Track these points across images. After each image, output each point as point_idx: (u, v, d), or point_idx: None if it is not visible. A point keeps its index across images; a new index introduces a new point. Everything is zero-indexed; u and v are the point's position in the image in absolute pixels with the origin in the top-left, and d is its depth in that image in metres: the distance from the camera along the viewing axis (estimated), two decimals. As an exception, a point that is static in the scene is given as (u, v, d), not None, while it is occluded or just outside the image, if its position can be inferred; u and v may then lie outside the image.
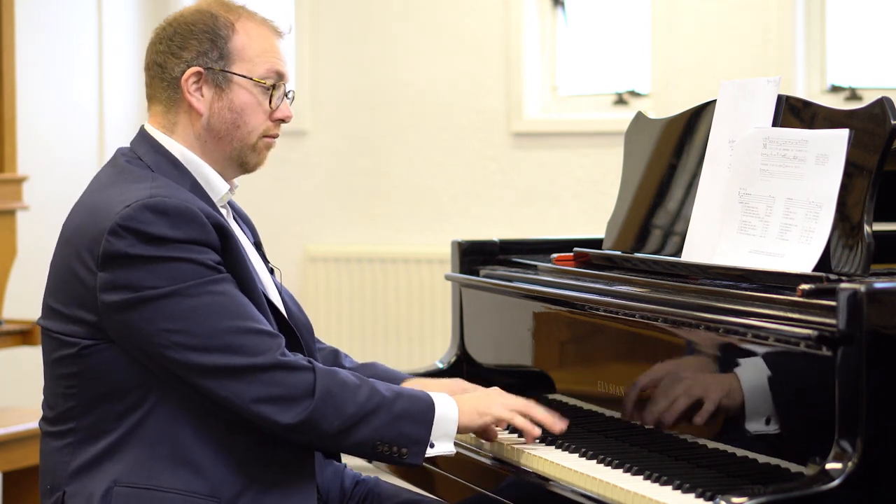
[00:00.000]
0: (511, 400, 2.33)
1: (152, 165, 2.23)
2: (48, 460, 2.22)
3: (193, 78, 2.25)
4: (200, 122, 2.26)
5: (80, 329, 2.15)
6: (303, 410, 2.12)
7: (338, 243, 5.56)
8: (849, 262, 2.19)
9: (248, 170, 2.32)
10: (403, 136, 5.48)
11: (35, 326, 4.23)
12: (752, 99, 2.44)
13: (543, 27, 5.32)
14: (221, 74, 2.25)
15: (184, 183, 2.22)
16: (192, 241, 2.11)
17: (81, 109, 5.56)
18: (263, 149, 2.31)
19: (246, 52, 2.27)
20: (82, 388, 2.16)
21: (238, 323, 2.12)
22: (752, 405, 2.07)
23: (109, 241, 2.10)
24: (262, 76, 2.27)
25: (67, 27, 5.50)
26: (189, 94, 2.25)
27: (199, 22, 2.27)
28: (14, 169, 4.41)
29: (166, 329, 2.09)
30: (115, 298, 2.10)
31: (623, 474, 2.16)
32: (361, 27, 5.55)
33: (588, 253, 2.70)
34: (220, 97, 2.26)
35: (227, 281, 2.14)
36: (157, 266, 2.09)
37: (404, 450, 2.18)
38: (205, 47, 2.25)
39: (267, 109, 2.28)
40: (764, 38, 4.81)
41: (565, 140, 5.22)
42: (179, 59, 2.25)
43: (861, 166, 2.22)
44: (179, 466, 2.13)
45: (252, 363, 2.10)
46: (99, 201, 2.17)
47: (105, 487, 2.12)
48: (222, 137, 2.27)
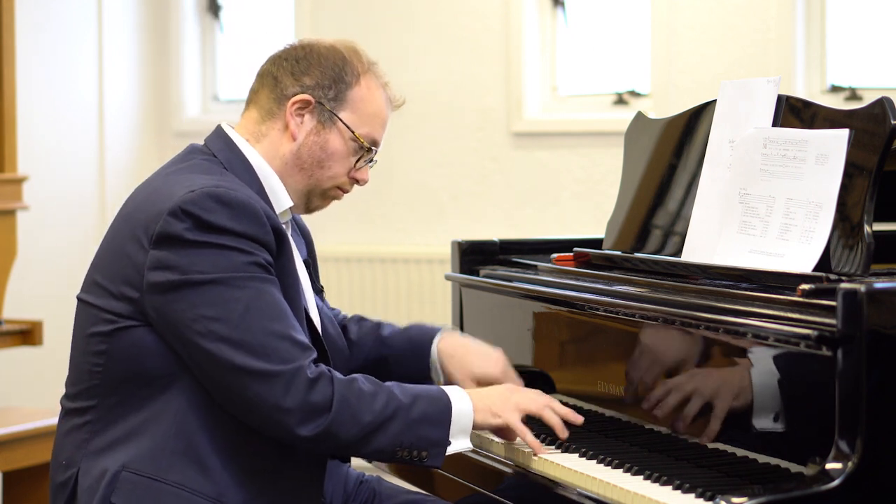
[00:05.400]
0: (526, 402, 2.29)
1: (225, 163, 2.26)
2: (66, 437, 2.22)
3: (301, 104, 2.28)
4: (291, 145, 2.29)
5: (121, 306, 2.15)
6: (321, 424, 2.11)
7: (338, 243, 5.56)
8: (849, 262, 2.19)
9: (308, 209, 2.36)
10: (403, 135, 5.48)
11: (35, 326, 4.23)
12: (752, 99, 2.44)
13: (543, 27, 5.32)
14: (329, 114, 2.29)
15: (252, 186, 2.24)
16: (248, 236, 2.12)
17: (81, 110, 5.56)
18: (330, 198, 2.36)
19: (359, 105, 2.32)
20: (109, 367, 2.16)
21: (275, 326, 2.12)
22: (752, 405, 2.07)
23: (167, 222, 2.11)
24: (363, 135, 2.32)
25: (67, 27, 5.50)
26: (291, 115, 2.28)
27: (330, 57, 2.31)
28: (14, 169, 4.42)
29: (204, 315, 2.09)
30: (161, 279, 2.11)
31: (623, 474, 2.16)
32: (361, 27, 5.55)
33: (588, 253, 2.70)
34: (318, 133, 2.29)
35: (273, 283, 2.15)
36: (208, 252, 2.11)
37: (424, 453, 2.18)
38: (325, 82, 2.29)
39: (351, 166, 2.33)
40: (764, 38, 4.81)
41: (565, 140, 5.22)
42: (298, 81, 2.29)
43: (861, 166, 2.22)
44: (190, 464, 2.14)
45: (280, 370, 2.10)
46: (164, 184, 2.19)
47: (115, 470, 2.13)
48: (304, 169, 2.30)
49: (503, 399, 2.28)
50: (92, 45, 5.60)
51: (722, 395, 2.13)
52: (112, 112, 5.67)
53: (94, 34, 5.61)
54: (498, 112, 5.34)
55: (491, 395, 2.29)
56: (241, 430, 2.15)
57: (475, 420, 2.23)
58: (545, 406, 2.30)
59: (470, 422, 2.22)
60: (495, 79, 5.34)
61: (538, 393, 2.33)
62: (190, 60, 6.02)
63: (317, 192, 2.34)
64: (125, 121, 5.76)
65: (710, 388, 2.16)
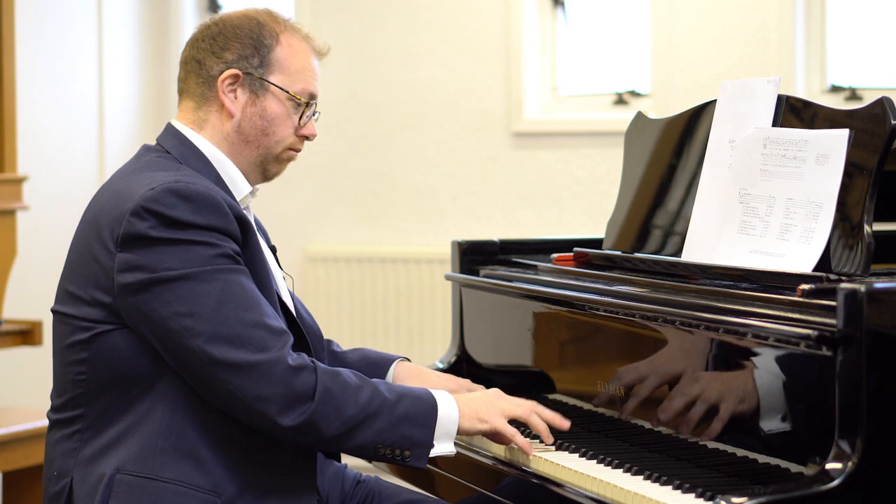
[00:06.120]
0: (512, 407, 2.29)
1: (179, 157, 2.26)
2: (56, 449, 2.22)
3: (230, 80, 2.27)
4: (231, 123, 2.28)
5: (95, 311, 2.15)
6: (303, 412, 2.11)
7: (338, 243, 5.56)
8: (849, 262, 2.19)
9: (267, 177, 2.35)
10: (403, 135, 5.48)
11: (35, 326, 4.23)
12: (752, 99, 2.44)
13: (543, 27, 5.32)
14: (259, 81, 2.28)
15: (209, 176, 2.24)
16: (213, 228, 2.12)
17: (81, 109, 5.56)
18: (285, 160, 2.35)
19: (286, 65, 2.30)
20: (92, 374, 2.17)
21: (249, 315, 2.12)
22: (752, 405, 2.07)
23: (131, 222, 2.11)
24: (298, 92, 2.30)
25: (67, 26, 5.50)
26: (223, 94, 2.27)
27: (244, 26, 2.30)
28: (14, 169, 4.41)
29: (177, 312, 2.09)
30: (131, 279, 2.11)
31: (623, 474, 2.16)
32: (361, 27, 5.55)
33: (588, 253, 2.70)
34: (253, 103, 2.28)
35: (243, 273, 2.15)
36: (175, 248, 2.11)
37: (407, 452, 2.18)
38: (247, 52, 2.28)
39: (295, 124, 2.32)
40: (764, 38, 4.81)
41: (565, 140, 5.22)
42: (220, 58, 2.28)
43: (861, 166, 2.22)
44: (183, 459, 2.14)
45: (258, 359, 2.10)
46: (123, 186, 2.19)
47: (109, 474, 2.13)
48: (250, 142, 2.29)
49: (489, 404, 2.28)
50: (92, 45, 5.60)
51: (722, 396, 2.13)
52: (112, 112, 5.67)
53: (94, 34, 5.61)
54: (498, 112, 5.34)
55: (477, 399, 2.29)
56: (229, 421, 2.15)
57: (461, 425, 2.23)
58: (531, 411, 2.30)
59: (455, 426, 2.22)
60: (495, 79, 5.33)
61: (523, 399, 2.33)
62: (190, 60, 6.02)
63: (270, 159, 2.32)
64: (125, 121, 5.76)
65: (709, 389, 2.16)
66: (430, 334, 5.36)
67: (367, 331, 5.46)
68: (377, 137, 5.53)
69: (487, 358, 2.86)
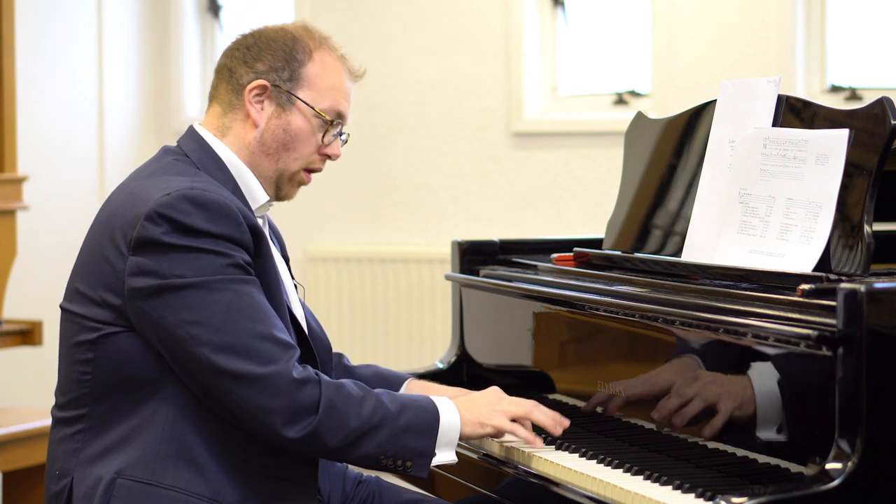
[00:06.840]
0: (512, 406, 2.30)
1: (197, 163, 2.25)
2: (58, 447, 2.22)
3: (258, 90, 2.28)
4: (254, 133, 2.28)
5: (104, 313, 2.15)
6: (307, 425, 2.11)
7: (338, 243, 5.56)
8: (849, 262, 2.19)
9: (278, 197, 2.35)
10: (403, 135, 5.48)
11: (35, 326, 4.23)
12: (752, 99, 2.44)
13: (543, 27, 5.32)
14: (286, 95, 2.28)
15: (226, 184, 2.24)
16: (225, 237, 2.12)
17: (81, 110, 5.56)
18: (297, 183, 2.34)
19: (316, 81, 2.31)
20: (97, 375, 2.16)
21: (257, 327, 2.11)
22: (752, 405, 2.07)
23: (144, 227, 2.11)
24: (324, 109, 2.31)
25: (67, 26, 5.50)
26: (249, 103, 2.28)
27: (279, 39, 2.31)
28: (14, 169, 4.42)
29: (186, 320, 2.09)
30: (141, 284, 2.11)
31: (623, 474, 2.16)
32: (361, 27, 5.55)
33: (588, 253, 2.70)
34: (278, 115, 2.28)
35: (253, 284, 2.14)
36: (186, 256, 2.10)
37: (409, 462, 2.18)
38: (278, 65, 2.29)
39: (319, 142, 2.32)
40: (764, 38, 4.81)
41: (565, 140, 5.22)
42: (251, 68, 2.29)
43: (861, 166, 2.22)
44: (184, 466, 2.14)
45: (264, 372, 2.10)
46: (139, 188, 2.19)
47: (110, 478, 2.13)
48: (270, 154, 2.29)
49: (490, 407, 2.29)
50: (92, 45, 5.60)
51: (722, 395, 2.13)
52: (112, 112, 5.67)
53: (94, 34, 5.61)
54: (498, 112, 5.33)
55: (478, 402, 2.29)
56: (231, 430, 2.16)
57: (463, 432, 2.24)
58: (532, 409, 2.30)
59: (457, 434, 2.23)
60: (495, 79, 5.33)
61: (523, 399, 2.33)
62: (190, 60, 6.02)
63: (286, 177, 2.32)
64: (125, 121, 5.76)
65: (709, 389, 2.16)
66: (430, 334, 5.36)
67: (367, 331, 5.46)
68: (377, 137, 5.53)
69: (487, 358, 2.86)
